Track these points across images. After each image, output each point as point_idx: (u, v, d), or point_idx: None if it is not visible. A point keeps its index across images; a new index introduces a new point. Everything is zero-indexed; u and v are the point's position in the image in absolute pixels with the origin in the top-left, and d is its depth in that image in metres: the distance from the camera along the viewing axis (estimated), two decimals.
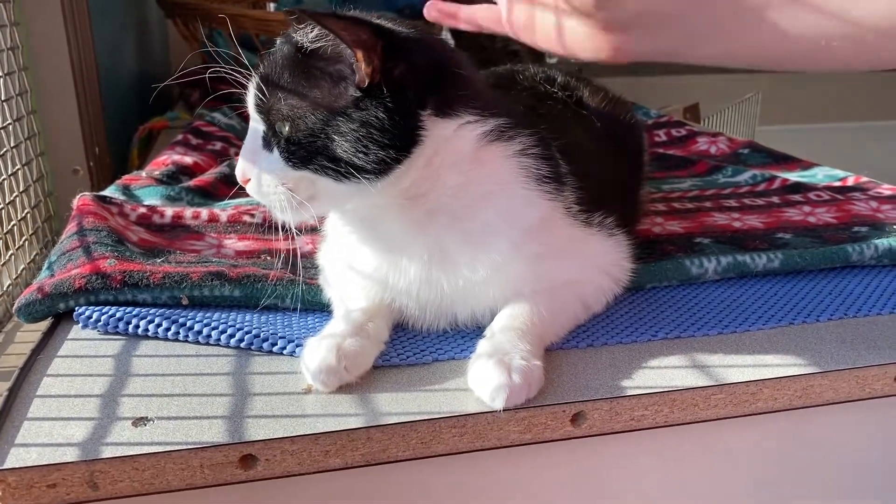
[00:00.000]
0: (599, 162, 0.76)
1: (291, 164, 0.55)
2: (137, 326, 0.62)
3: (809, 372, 0.58)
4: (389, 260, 0.60)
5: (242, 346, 0.60)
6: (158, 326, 0.61)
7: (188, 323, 0.61)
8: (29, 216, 0.93)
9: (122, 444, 0.48)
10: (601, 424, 0.54)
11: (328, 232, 0.68)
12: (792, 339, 0.63)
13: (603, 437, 0.55)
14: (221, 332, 0.61)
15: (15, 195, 0.89)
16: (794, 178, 1.08)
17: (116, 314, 0.62)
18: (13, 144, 0.90)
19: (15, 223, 0.87)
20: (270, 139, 0.56)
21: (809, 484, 0.64)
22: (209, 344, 0.61)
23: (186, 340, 0.61)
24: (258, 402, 0.53)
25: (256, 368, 0.57)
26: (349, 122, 0.53)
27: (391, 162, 0.54)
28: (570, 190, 0.62)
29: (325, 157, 0.54)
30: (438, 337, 0.62)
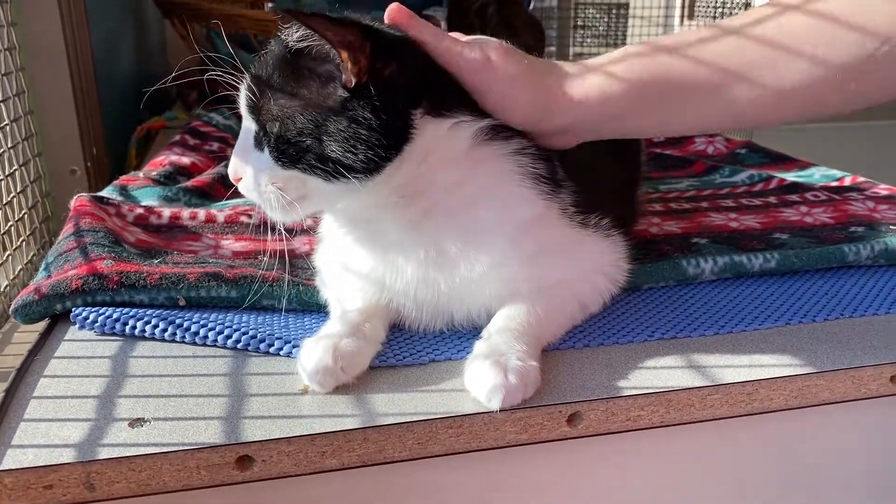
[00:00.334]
0: (597, 162, 0.76)
1: (281, 163, 0.55)
2: (134, 327, 0.62)
3: (805, 372, 0.58)
4: (386, 260, 0.60)
5: (239, 346, 0.60)
6: (155, 327, 0.61)
7: (185, 324, 0.61)
8: (26, 217, 0.93)
9: (118, 445, 0.48)
10: (597, 425, 0.55)
11: (324, 233, 0.68)
12: (788, 339, 0.63)
13: (599, 437, 0.55)
14: (218, 332, 0.61)
15: (12, 196, 0.89)
16: (791, 178, 1.08)
17: (113, 315, 0.62)
18: (10, 145, 0.90)
19: (12, 224, 0.87)
20: (261, 139, 0.57)
21: (806, 484, 0.64)
22: (206, 345, 0.61)
23: (183, 341, 0.61)
24: (255, 402, 0.53)
25: (253, 369, 0.57)
26: (337, 122, 0.53)
27: (380, 161, 0.54)
28: (566, 192, 0.62)
29: (313, 156, 0.54)
30: (435, 337, 0.62)
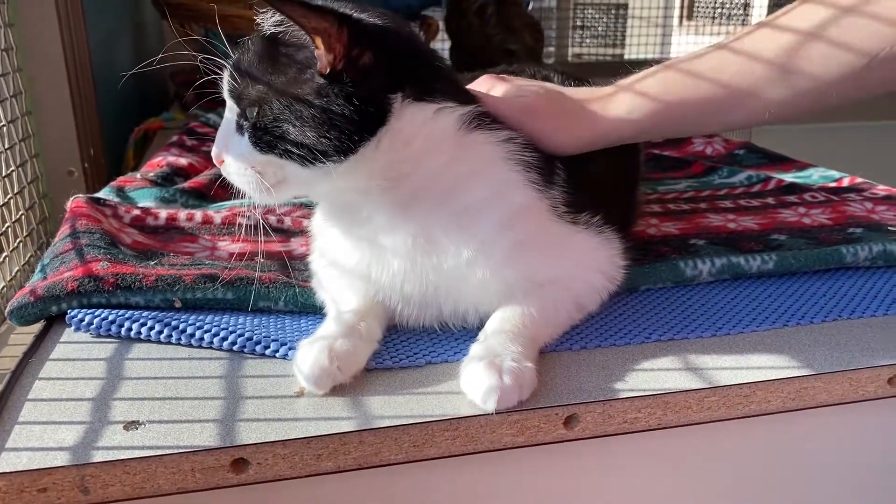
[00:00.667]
0: (594, 161, 0.76)
1: (259, 148, 0.56)
2: (130, 329, 0.61)
3: (803, 374, 0.58)
4: (372, 252, 0.60)
5: (235, 349, 0.60)
6: (151, 329, 0.61)
7: (181, 326, 0.61)
8: (24, 218, 0.92)
9: (113, 447, 0.48)
10: (594, 427, 0.54)
11: (314, 230, 0.68)
12: (785, 341, 0.63)
13: (596, 439, 0.55)
14: (214, 335, 0.60)
15: (9, 197, 0.88)
16: (789, 178, 1.08)
17: (109, 317, 0.62)
18: (7, 146, 0.90)
19: (9, 225, 0.87)
20: (242, 123, 0.57)
21: (803, 486, 0.64)
22: (202, 347, 0.61)
23: (179, 343, 0.61)
24: (250, 405, 0.53)
25: (249, 371, 0.57)
26: (312, 108, 0.54)
27: (352, 145, 0.54)
28: (557, 189, 0.62)
29: (289, 142, 0.55)
30: (432, 339, 0.62)
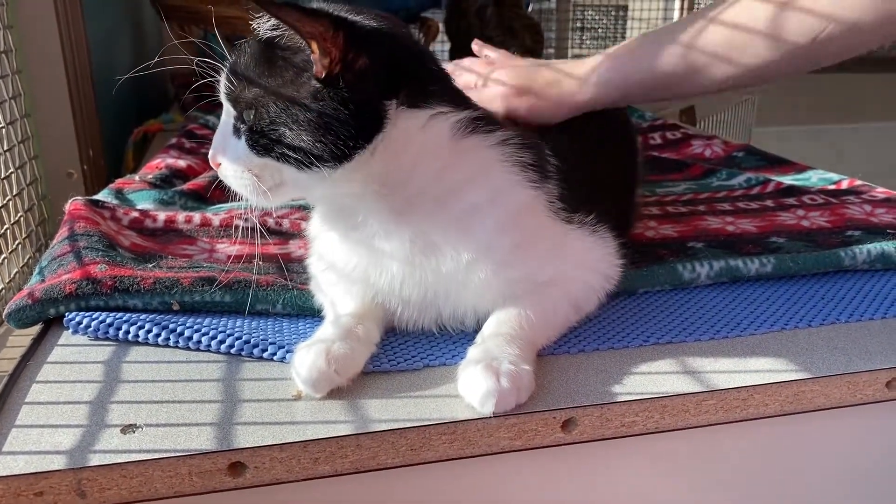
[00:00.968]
0: (592, 163, 0.76)
1: (256, 151, 0.56)
2: (128, 332, 0.61)
3: (801, 377, 0.58)
4: (370, 256, 0.60)
5: (233, 352, 0.60)
6: (149, 332, 0.61)
7: (178, 329, 0.61)
8: (22, 220, 0.93)
9: (110, 451, 0.48)
10: (592, 431, 0.54)
11: (312, 233, 0.67)
12: (784, 344, 0.63)
13: (594, 443, 0.55)
14: (212, 338, 0.60)
15: (8, 199, 0.89)
16: (788, 181, 1.08)
17: (107, 320, 0.62)
18: (7, 148, 0.90)
19: (8, 227, 0.87)
20: (238, 126, 0.57)
21: (801, 490, 0.64)
22: (199, 350, 0.60)
23: (177, 346, 0.61)
24: (248, 408, 0.53)
25: (246, 375, 0.57)
26: (308, 112, 0.53)
27: (348, 151, 0.54)
28: (553, 184, 0.62)
29: (285, 145, 0.54)
30: (429, 343, 0.62)
